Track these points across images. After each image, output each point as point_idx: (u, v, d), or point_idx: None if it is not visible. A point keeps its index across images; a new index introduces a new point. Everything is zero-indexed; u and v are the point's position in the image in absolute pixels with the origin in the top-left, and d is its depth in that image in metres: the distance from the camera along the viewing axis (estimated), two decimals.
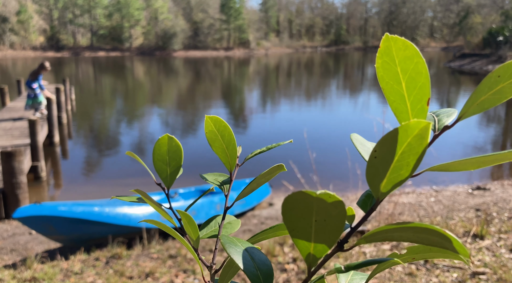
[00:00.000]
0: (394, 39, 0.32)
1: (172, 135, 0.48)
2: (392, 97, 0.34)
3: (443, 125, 0.36)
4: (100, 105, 18.99)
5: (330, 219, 0.29)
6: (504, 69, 0.31)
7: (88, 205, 5.22)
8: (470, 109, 0.33)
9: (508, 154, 0.31)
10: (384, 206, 5.88)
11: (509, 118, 16.69)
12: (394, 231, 0.30)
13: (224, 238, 0.37)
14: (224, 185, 0.51)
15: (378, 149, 0.29)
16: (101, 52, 69.75)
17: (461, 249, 0.29)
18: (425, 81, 0.33)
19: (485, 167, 0.32)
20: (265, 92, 25.06)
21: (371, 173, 0.30)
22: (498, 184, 8.07)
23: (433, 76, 35.79)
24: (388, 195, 1.69)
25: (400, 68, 0.32)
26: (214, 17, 79.04)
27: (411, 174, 0.30)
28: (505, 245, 3.95)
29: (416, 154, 0.29)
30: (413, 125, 0.28)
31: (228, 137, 0.48)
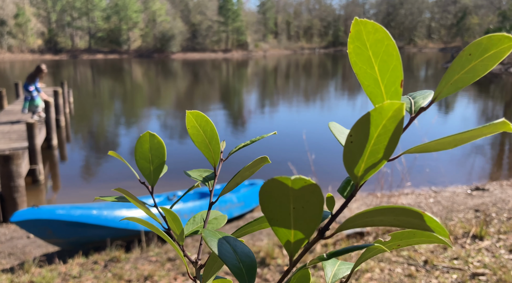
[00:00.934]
0: (364, 23, 0.31)
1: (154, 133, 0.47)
2: (366, 82, 0.33)
3: (419, 107, 0.36)
4: (98, 108, 18.97)
5: (308, 205, 0.29)
6: (475, 47, 0.31)
7: (86, 208, 5.21)
8: (444, 89, 0.33)
9: (483, 129, 0.31)
10: None
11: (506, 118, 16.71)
12: (374, 214, 0.29)
13: (206, 232, 0.37)
14: (208, 181, 0.50)
15: (354, 133, 0.29)
16: (99, 54, 69.76)
17: (440, 229, 0.28)
18: (396, 64, 0.32)
19: (463, 144, 0.32)
20: (264, 94, 25.07)
21: (348, 158, 0.30)
22: (497, 185, 8.07)
23: (431, 77, 35.83)
24: (387, 196, 1.68)
25: (372, 52, 0.32)
26: (212, 19, 79.14)
27: (388, 157, 0.30)
28: (505, 246, 3.94)
29: (392, 136, 0.29)
30: (386, 107, 0.27)
31: (211, 133, 0.47)
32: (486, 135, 0.31)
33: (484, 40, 0.30)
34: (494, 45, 0.30)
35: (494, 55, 0.30)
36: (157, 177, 0.48)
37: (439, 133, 12.49)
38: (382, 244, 0.35)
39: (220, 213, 0.51)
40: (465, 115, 17.27)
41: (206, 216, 0.48)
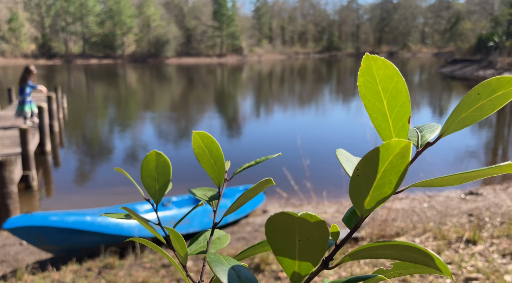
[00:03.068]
0: (375, 59, 0.32)
1: (160, 151, 0.47)
2: (375, 114, 0.34)
3: (425, 142, 0.36)
4: (92, 113, 18.89)
5: (313, 238, 0.29)
6: (484, 87, 0.32)
7: (80, 215, 5.17)
8: (452, 126, 0.34)
9: (489, 170, 0.31)
10: (378, 212, 5.89)
11: (500, 125, 16.86)
12: (378, 248, 0.29)
13: (211, 256, 0.37)
14: (212, 200, 0.50)
15: (361, 167, 0.29)
16: (93, 59, 69.56)
17: (443, 267, 0.29)
18: (405, 100, 0.33)
19: (467, 182, 0.32)
20: (259, 99, 25.11)
21: (354, 190, 0.30)
22: (490, 189, 8.13)
23: (426, 82, 36.11)
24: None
25: (381, 86, 0.33)
26: (207, 24, 79.26)
27: (394, 191, 0.30)
28: (498, 250, 3.97)
29: (398, 172, 0.29)
30: (394, 144, 0.28)
31: (216, 153, 0.48)
32: (492, 175, 0.32)
33: (493, 81, 0.31)
34: (502, 86, 0.31)
35: (502, 95, 0.31)
36: (162, 194, 0.49)
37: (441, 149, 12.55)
38: (383, 273, 0.35)
39: (223, 232, 0.52)
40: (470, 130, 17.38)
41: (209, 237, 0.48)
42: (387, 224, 5.14)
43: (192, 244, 0.49)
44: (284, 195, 6.85)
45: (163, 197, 1.98)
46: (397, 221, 5.72)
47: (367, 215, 0.32)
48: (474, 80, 33.88)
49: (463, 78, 35.86)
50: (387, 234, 4.79)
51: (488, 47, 38.89)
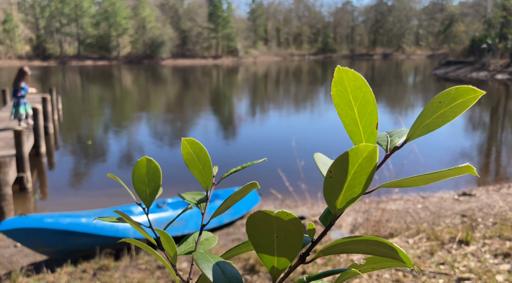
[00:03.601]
0: (345, 71, 0.35)
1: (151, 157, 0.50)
2: (347, 121, 0.37)
3: (394, 146, 0.39)
4: (87, 115, 18.84)
5: (290, 234, 0.32)
6: (445, 96, 0.35)
7: (75, 216, 5.17)
8: (417, 131, 0.36)
9: (450, 171, 0.34)
10: (372, 213, 5.93)
11: (494, 126, 17.00)
12: (349, 243, 0.32)
13: (197, 254, 0.40)
14: (200, 204, 0.53)
15: (333, 170, 0.32)
16: (88, 61, 69.34)
17: (406, 259, 0.31)
18: (373, 108, 0.36)
19: (433, 182, 0.35)
20: (254, 101, 25.15)
21: (327, 191, 0.33)
22: (483, 190, 8.21)
23: (420, 84, 36.32)
24: (376, 202, 1.75)
25: (352, 96, 0.35)
26: (202, 26, 79.28)
27: (364, 191, 0.33)
28: (490, 251, 4.02)
29: (367, 173, 0.32)
30: (362, 148, 0.31)
31: (204, 159, 0.50)
32: (453, 176, 0.35)
33: (453, 91, 0.34)
34: (461, 95, 0.34)
35: (461, 103, 0.34)
36: (153, 199, 0.51)
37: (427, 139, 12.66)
38: (357, 267, 0.38)
39: (211, 234, 0.54)
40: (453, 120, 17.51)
41: (197, 237, 0.51)
42: (381, 225, 5.18)
43: (182, 245, 0.51)
44: (279, 196, 6.88)
45: (154, 200, 2.01)
46: (391, 222, 5.77)
47: (340, 213, 0.35)
48: (467, 82, 34.12)
49: (457, 80, 36.10)
50: (381, 234, 4.83)
51: (481, 49, 39.18)
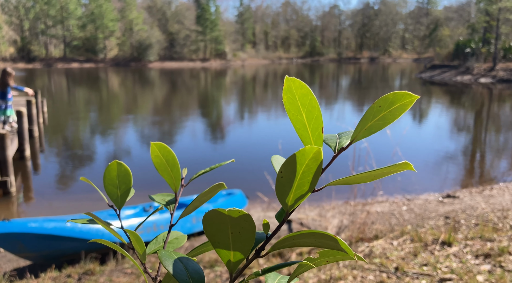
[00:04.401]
0: (293, 80, 0.38)
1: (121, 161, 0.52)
2: (298, 125, 0.39)
3: (341, 147, 0.42)
4: (73, 118, 18.65)
5: (243, 230, 0.34)
6: (384, 101, 0.38)
7: (60, 221, 5.12)
8: (360, 133, 0.39)
9: (391, 167, 0.37)
10: (358, 215, 6.00)
11: (476, 127, 17.30)
12: (299, 237, 0.35)
13: (162, 252, 0.42)
14: (170, 205, 0.55)
15: (283, 170, 0.35)
16: (75, 63, 68.61)
17: (347, 249, 0.34)
18: (318, 114, 0.39)
19: (378, 179, 0.38)
20: (242, 103, 25.18)
21: (279, 190, 0.36)
22: (466, 192, 8.35)
23: (406, 87, 36.77)
24: (362, 204, 1.81)
25: (300, 103, 0.38)
26: (190, 29, 79.13)
27: (312, 189, 0.36)
28: (471, 251, 4.10)
29: (313, 173, 0.35)
30: (308, 150, 0.34)
31: (172, 162, 0.53)
32: (394, 173, 0.38)
33: (391, 96, 0.37)
34: (399, 100, 0.37)
35: (400, 107, 0.37)
36: (124, 201, 0.53)
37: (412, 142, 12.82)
38: (311, 261, 0.41)
39: (180, 233, 0.56)
40: (438, 123, 17.81)
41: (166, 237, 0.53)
42: (366, 227, 5.24)
43: (151, 244, 0.53)
44: (265, 199, 6.91)
45: (141, 204, 2.04)
46: (376, 224, 5.83)
47: (292, 210, 0.37)
48: (452, 85, 34.68)
49: (442, 83, 36.66)
50: (366, 237, 4.89)
51: (466, 53, 39.89)
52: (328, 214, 6.55)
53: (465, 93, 29.55)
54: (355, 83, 41.28)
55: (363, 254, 4.27)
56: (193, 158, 11.33)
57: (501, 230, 4.84)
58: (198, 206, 0.50)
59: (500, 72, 35.83)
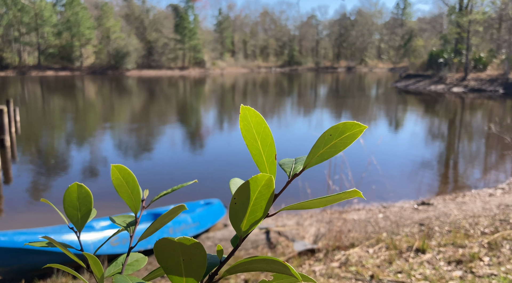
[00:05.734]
0: (248, 109, 0.39)
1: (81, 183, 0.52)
2: (254, 152, 0.41)
3: (295, 173, 0.43)
4: (48, 127, 18.23)
5: (194, 257, 0.35)
6: (334, 130, 0.39)
7: (31, 233, 4.97)
8: (313, 160, 0.41)
9: (341, 194, 0.39)
10: (335, 223, 6.05)
11: (450, 135, 17.77)
12: (251, 263, 0.36)
13: (117, 277, 0.42)
14: (130, 227, 0.55)
15: (237, 196, 0.36)
16: (50, 71, 67.22)
17: (295, 274, 0.35)
18: (271, 142, 0.40)
19: (330, 204, 0.39)
20: (221, 112, 25.16)
21: (233, 216, 0.37)
22: (440, 199, 8.54)
23: (382, 96, 37.52)
24: (339, 212, 1.85)
25: (255, 130, 0.40)
26: (168, 37, 78.82)
27: (265, 215, 0.37)
28: (444, 258, 4.19)
29: (266, 199, 0.36)
30: (260, 177, 0.35)
31: (132, 184, 0.53)
32: (344, 199, 0.39)
33: (341, 125, 0.39)
34: (348, 129, 0.39)
35: (350, 136, 0.39)
36: (84, 222, 0.53)
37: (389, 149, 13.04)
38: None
39: (141, 255, 0.56)
40: (414, 131, 18.21)
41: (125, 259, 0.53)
42: (343, 235, 5.29)
43: (111, 266, 0.53)
44: None
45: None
46: (353, 232, 5.89)
47: (245, 236, 0.38)
48: (426, 94, 35.59)
49: (416, 92, 37.57)
50: (342, 245, 4.93)
51: (439, 63, 41.06)
52: (306, 223, 6.59)
53: (439, 102, 30.37)
54: (333, 92, 41.86)
55: (340, 262, 4.31)
56: (172, 166, 11.22)
57: (472, 236, 4.97)
58: (158, 227, 0.50)
59: (471, 82, 37.00)
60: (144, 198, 0.56)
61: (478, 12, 38.65)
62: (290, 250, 4.95)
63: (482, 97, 31.75)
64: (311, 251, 4.73)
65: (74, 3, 69.77)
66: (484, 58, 39.67)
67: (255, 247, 5.74)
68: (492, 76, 36.94)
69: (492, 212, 6.62)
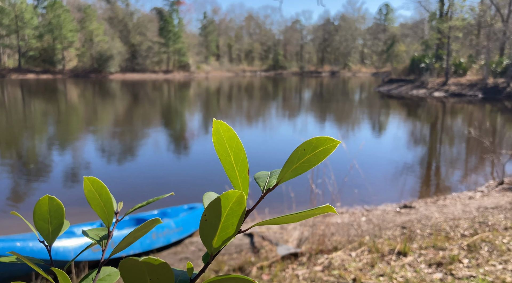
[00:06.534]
0: (220, 123, 0.40)
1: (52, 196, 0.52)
2: (227, 166, 0.41)
3: (269, 187, 0.44)
4: (28, 131, 17.88)
5: (161, 276, 0.35)
6: (307, 145, 0.40)
7: (8, 241, 4.86)
8: (286, 175, 0.42)
9: (315, 210, 0.40)
10: (319, 226, 6.08)
11: (432, 139, 18.07)
12: (221, 281, 0.36)
13: None
14: (102, 240, 0.55)
15: (208, 213, 0.36)
16: (31, 74, 65.97)
17: None
18: (244, 157, 0.41)
19: (303, 219, 0.40)
20: (206, 115, 25.07)
21: (203, 233, 0.37)
22: (422, 202, 8.67)
23: (366, 100, 37.96)
24: (322, 215, 1.87)
25: (228, 144, 0.40)
26: (153, 40, 78.31)
27: (237, 231, 0.37)
28: (425, 261, 4.25)
29: (238, 215, 0.37)
30: (231, 194, 0.35)
31: (105, 196, 0.53)
32: (317, 215, 0.40)
33: (314, 140, 0.40)
34: (322, 144, 0.40)
35: (323, 150, 0.40)
36: (56, 236, 0.53)
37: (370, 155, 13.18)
38: None
39: (114, 269, 0.56)
40: (396, 135, 18.45)
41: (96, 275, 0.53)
42: (326, 239, 5.32)
43: (83, 281, 0.53)
44: None
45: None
46: (336, 235, 5.94)
47: (217, 252, 0.39)
48: (408, 98, 36.14)
49: (399, 96, 38.12)
50: (325, 248, 4.96)
51: (420, 68, 41.79)
52: (289, 226, 6.60)
53: (421, 107, 30.87)
54: (317, 96, 42.18)
55: (323, 266, 4.33)
56: (156, 170, 11.13)
57: (453, 239, 5.06)
58: (132, 241, 0.50)
59: (452, 87, 37.74)
60: (118, 210, 0.56)
61: (458, 19, 39.52)
62: (274, 254, 4.96)
63: (462, 102, 32.41)
64: (294, 255, 4.75)
65: (56, 5, 68.74)
66: (464, 63, 40.54)
67: (239, 251, 5.73)
68: (472, 81, 37.76)
69: (472, 215, 6.75)
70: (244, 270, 4.48)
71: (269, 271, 4.38)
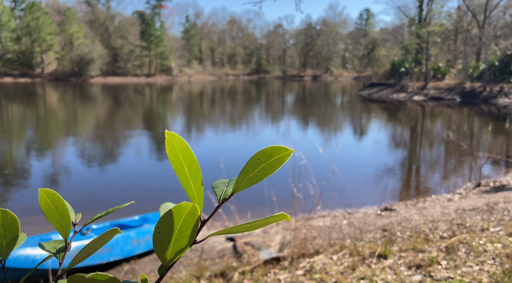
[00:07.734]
0: (173, 134, 0.39)
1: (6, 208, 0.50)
2: (181, 177, 0.40)
3: (225, 197, 0.44)
4: (5, 136, 17.45)
5: None
6: (262, 154, 0.40)
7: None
8: (241, 184, 0.41)
9: (270, 218, 0.39)
10: (301, 229, 6.10)
11: (412, 142, 18.37)
12: None
13: None
14: (60, 253, 0.53)
15: (160, 226, 0.35)
16: (8, 78, 64.53)
17: None
18: (197, 168, 0.40)
19: (260, 228, 0.40)
20: (187, 120, 24.93)
21: (157, 245, 0.36)
22: (402, 205, 8.79)
23: (347, 103, 38.39)
24: (305, 219, 1.87)
25: (181, 156, 0.40)
26: (134, 44, 77.63)
27: (191, 242, 0.37)
28: (405, 263, 4.30)
29: (191, 227, 0.36)
30: (184, 206, 0.35)
31: (62, 208, 0.51)
32: (273, 223, 0.40)
33: (268, 150, 0.39)
34: (276, 153, 0.39)
35: (277, 159, 0.40)
36: (10, 250, 0.51)
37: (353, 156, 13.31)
38: None
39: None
40: (377, 138, 18.69)
41: None
42: (307, 242, 5.34)
43: None
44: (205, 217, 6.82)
45: (79, 226, 1.93)
46: (317, 239, 5.96)
47: (171, 264, 0.38)
48: (389, 102, 36.71)
49: (379, 100, 38.69)
50: (307, 252, 4.97)
51: (400, 72, 42.52)
52: (272, 231, 6.60)
53: (401, 110, 31.38)
54: (300, 100, 42.43)
55: (305, 270, 4.34)
56: (136, 174, 10.99)
57: (432, 241, 5.14)
58: (90, 253, 0.48)
59: (431, 91, 38.50)
60: (77, 221, 0.54)
61: (436, 24, 40.39)
62: (256, 259, 4.94)
63: (441, 105, 33.08)
64: (276, 259, 4.74)
65: (34, 7, 67.48)
66: (442, 68, 41.44)
67: (221, 256, 5.70)
68: (450, 85, 38.60)
69: (450, 217, 6.87)
70: (226, 275, 4.45)
71: (251, 276, 4.36)
